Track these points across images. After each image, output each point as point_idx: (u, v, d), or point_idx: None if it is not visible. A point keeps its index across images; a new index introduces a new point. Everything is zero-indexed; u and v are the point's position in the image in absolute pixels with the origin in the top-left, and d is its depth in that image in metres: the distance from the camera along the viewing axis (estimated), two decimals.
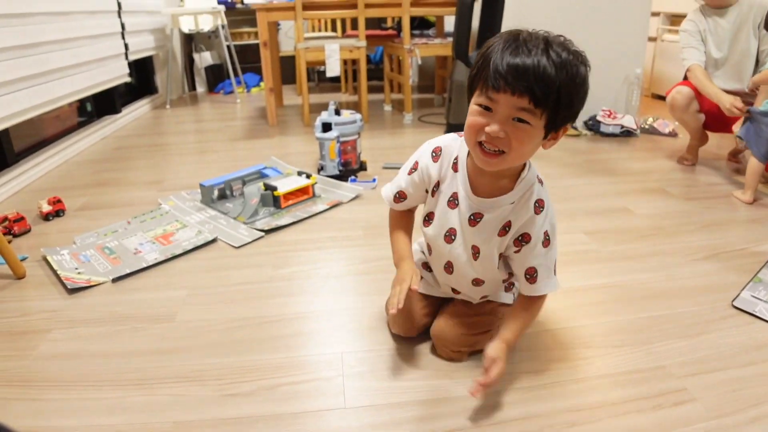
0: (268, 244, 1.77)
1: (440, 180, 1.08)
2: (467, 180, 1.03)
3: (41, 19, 2.54)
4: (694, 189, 2.22)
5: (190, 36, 4.88)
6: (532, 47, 0.84)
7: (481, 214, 1.03)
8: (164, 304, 1.42)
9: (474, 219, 1.04)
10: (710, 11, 2.40)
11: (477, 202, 1.03)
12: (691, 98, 2.42)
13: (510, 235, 1.03)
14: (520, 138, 0.87)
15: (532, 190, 1.00)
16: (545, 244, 1.02)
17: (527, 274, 1.04)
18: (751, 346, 1.21)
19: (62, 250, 1.73)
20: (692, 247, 1.69)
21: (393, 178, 1.17)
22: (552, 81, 0.83)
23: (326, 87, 5.13)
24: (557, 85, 0.83)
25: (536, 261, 1.03)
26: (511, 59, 0.83)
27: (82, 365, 1.19)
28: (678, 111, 2.47)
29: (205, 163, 2.69)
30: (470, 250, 1.07)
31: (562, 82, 0.84)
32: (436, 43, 3.46)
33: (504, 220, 1.02)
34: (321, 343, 1.25)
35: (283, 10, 3.28)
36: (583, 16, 3.08)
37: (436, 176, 1.08)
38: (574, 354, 1.19)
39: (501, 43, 0.86)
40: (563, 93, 0.85)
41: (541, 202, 1.01)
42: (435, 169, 1.08)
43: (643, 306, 1.38)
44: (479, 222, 1.03)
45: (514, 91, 0.83)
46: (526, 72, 0.82)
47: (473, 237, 1.05)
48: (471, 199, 1.03)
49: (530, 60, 0.83)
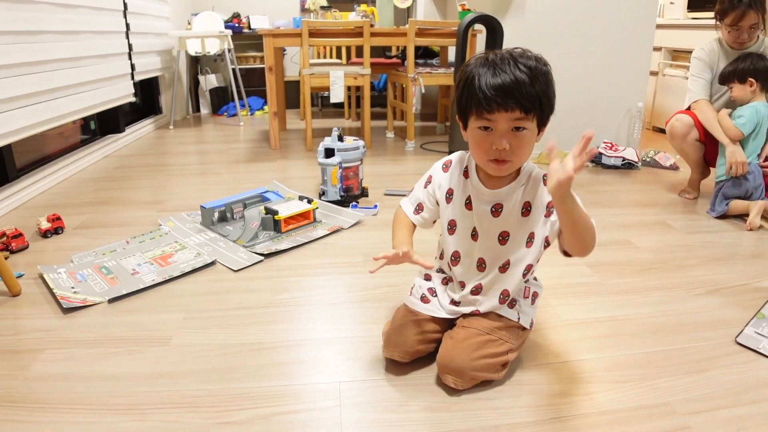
0: (267, 269, 1.75)
1: (453, 188, 1.20)
2: (479, 182, 1.16)
3: (50, 38, 2.57)
4: (696, 223, 2.21)
5: (196, 58, 4.93)
6: (505, 66, 0.99)
7: (500, 204, 1.15)
8: (160, 327, 1.40)
9: (496, 210, 1.15)
10: (727, 46, 2.39)
11: (492, 195, 1.15)
12: (690, 126, 2.42)
13: (536, 212, 1.13)
14: (522, 143, 1.03)
15: (535, 171, 1.14)
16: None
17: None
18: (755, 383, 1.19)
19: (59, 269, 1.71)
20: (694, 282, 1.68)
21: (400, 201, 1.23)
22: (532, 89, 0.98)
23: (329, 112, 5.17)
24: (536, 90, 0.99)
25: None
26: (493, 81, 0.98)
27: (74, 388, 1.17)
28: (677, 139, 2.47)
29: (206, 185, 2.69)
30: (497, 238, 1.17)
31: (539, 87, 1.00)
32: (440, 72, 3.50)
33: (522, 202, 1.14)
34: (318, 372, 1.23)
35: (290, 36, 3.32)
36: (587, 51, 3.12)
37: (447, 184, 1.21)
38: (576, 389, 1.17)
39: (478, 68, 1.02)
40: (543, 95, 1.01)
41: (546, 175, 1.09)
42: (446, 178, 1.22)
43: (645, 341, 1.36)
44: (501, 211, 1.15)
45: (506, 108, 0.99)
46: (510, 89, 0.98)
47: (500, 225, 1.16)
48: (487, 194, 1.15)
49: (509, 77, 0.98)
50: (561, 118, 3.34)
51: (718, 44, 2.41)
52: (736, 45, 2.33)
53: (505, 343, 1.17)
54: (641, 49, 3.17)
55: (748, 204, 2.18)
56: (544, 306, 1.50)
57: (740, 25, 2.24)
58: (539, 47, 3.01)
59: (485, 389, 1.16)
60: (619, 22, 3.09)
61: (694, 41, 3.70)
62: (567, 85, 3.14)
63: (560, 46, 3.10)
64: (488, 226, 1.17)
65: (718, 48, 2.40)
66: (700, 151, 2.48)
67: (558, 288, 1.62)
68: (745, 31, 2.25)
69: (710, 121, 2.32)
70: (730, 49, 2.37)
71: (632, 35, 3.12)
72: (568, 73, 3.14)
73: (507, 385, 1.18)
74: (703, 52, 2.42)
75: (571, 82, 3.15)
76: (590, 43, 3.11)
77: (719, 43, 2.41)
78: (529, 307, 1.25)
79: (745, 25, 2.23)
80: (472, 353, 1.13)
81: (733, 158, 2.21)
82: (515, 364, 1.24)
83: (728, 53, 2.37)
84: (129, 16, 3.55)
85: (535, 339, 1.35)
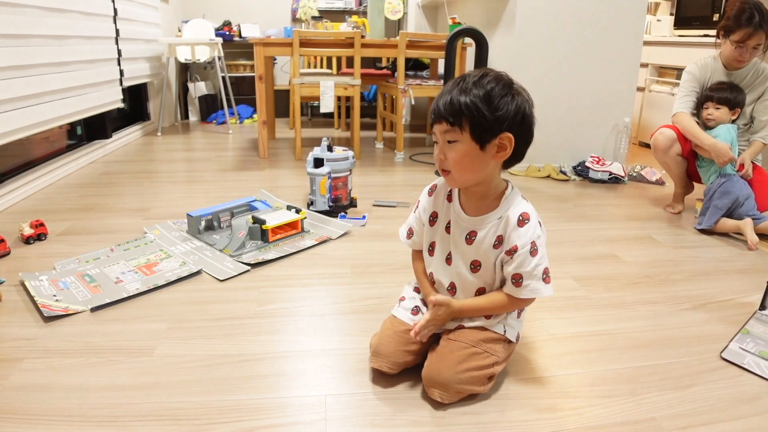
0: (253, 279, 1.74)
1: (437, 211, 1.24)
2: (459, 206, 1.19)
3: (38, 41, 2.55)
4: (681, 237, 2.23)
5: (185, 65, 4.92)
6: (454, 86, 1.07)
7: (475, 232, 1.16)
8: (143, 337, 1.38)
9: (470, 237, 1.17)
10: (722, 64, 2.42)
11: (468, 221, 1.17)
12: (673, 140, 2.46)
13: (503, 247, 1.14)
14: (454, 156, 1.08)
15: (516, 205, 1.14)
16: (533, 253, 1.11)
17: (513, 279, 1.14)
18: (740, 399, 1.20)
19: (41, 276, 1.68)
20: (680, 297, 1.69)
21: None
22: (456, 104, 1.04)
23: (319, 122, 5.17)
24: (460, 105, 1.04)
25: (523, 269, 1.12)
26: (439, 95, 1.09)
27: (54, 399, 1.14)
28: (660, 152, 2.52)
29: (193, 193, 2.67)
30: (469, 266, 1.19)
31: (466, 102, 1.04)
32: (430, 84, 3.51)
33: (495, 235, 1.14)
34: (303, 385, 1.21)
35: (281, 45, 3.33)
36: (576, 66, 3.15)
37: (431, 208, 1.25)
38: (563, 404, 1.17)
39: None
40: (471, 108, 1.03)
41: (525, 215, 1.12)
42: (431, 202, 1.26)
43: (631, 355, 1.36)
44: (474, 239, 1.17)
45: (437, 120, 1.08)
46: (441, 104, 1.07)
47: (472, 253, 1.18)
48: (464, 220, 1.18)
49: (445, 95, 1.07)
50: (549, 132, 3.39)
51: (713, 60, 2.44)
52: (735, 63, 2.36)
53: (491, 355, 1.16)
54: (629, 65, 3.21)
55: (737, 224, 2.19)
56: (531, 319, 1.50)
57: (746, 44, 2.27)
58: (528, 62, 3.08)
59: (471, 403, 1.15)
60: (608, 38, 3.12)
61: (680, 58, 3.78)
62: (555, 100, 3.17)
63: (549, 61, 3.13)
64: (462, 251, 1.19)
65: (712, 64, 2.43)
66: (682, 166, 2.53)
67: (545, 301, 1.61)
68: (749, 50, 2.29)
69: (689, 128, 2.37)
70: (724, 68, 2.41)
71: (620, 51, 3.16)
72: (556, 88, 3.17)
73: (493, 399, 1.17)
74: (696, 68, 2.46)
75: (560, 96, 3.18)
76: (579, 58, 3.14)
77: (714, 60, 2.44)
78: (515, 320, 1.25)
79: (750, 45, 2.26)
80: (457, 366, 1.12)
81: (714, 150, 2.26)
82: (501, 377, 1.23)
83: (722, 71, 2.41)
84: (119, 21, 3.53)
85: (522, 352, 1.35)
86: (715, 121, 2.35)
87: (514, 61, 3.10)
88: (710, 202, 2.30)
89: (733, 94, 2.34)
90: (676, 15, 4.02)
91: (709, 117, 2.37)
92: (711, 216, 2.27)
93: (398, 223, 2.25)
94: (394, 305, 1.34)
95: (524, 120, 1.08)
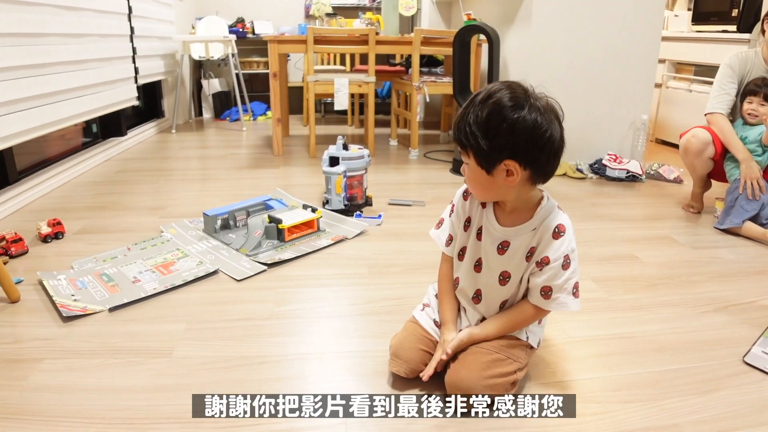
0: (270, 279, 1.74)
1: (471, 216, 1.21)
2: (493, 214, 1.16)
3: (53, 40, 2.56)
4: (701, 237, 2.20)
5: (199, 62, 4.93)
6: (467, 107, 1.04)
7: (507, 242, 1.14)
8: (161, 338, 1.38)
9: (502, 247, 1.15)
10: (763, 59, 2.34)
11: (502, 231, 1.14)
12: (707, 144, 2.35)
13: (533, 259, 1.12)
14: (468, 175, 1.09)
15: (552, 217, 1.11)
16: (565, 267, 1.10)
17: (543, 291, 1.12)
18: (763, 405, 1.18)
19: (59, 275, 1.69)
20: (701, 299, 1.66)
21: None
22: (463, 130, 1.03)
23: (332, 119, 5.16)
24: (465, 131, 1.02)
25: (554, 282, 1.11)
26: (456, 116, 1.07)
27: (73, 400, 1.15)
28: (690, 155, 2.41)
29: (208, 191, 2.67)
30: (498, 277, 1.16)
31: (466, 130, 1.02)
32: (445, 81, 3.49)
33: (528, 246, 1.12)
34: (322, 389, 1.21)
35: (295, 42, 3.32)
36: (592, 63, 3.11)
37: (467, 212, 1.22)
38: (583, 409, 1.15)
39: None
40: (470, 137, 1.01)
41: (561, 227, 1.10)
42: (466, 206, 1.22)
43: (653, 359, 1.34)
44: (507, 250, 1.14)
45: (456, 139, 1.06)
46: (454, 124, 1.07)
47: (503, 264, 1.15)
48: (497, 230, 1.15)
49: (458, 116, 1.05)
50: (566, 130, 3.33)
51: (754, 54, 2.37)
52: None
53: (514, 362, 1.15)
54: (646, 62, 3.16)
55: (764, 231, 2.12)
56: (550, 322, 1.48)
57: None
58: (545, 58, 3.05)
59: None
60: (625, 34, 3.08)
61: (697, 54, 3.73)
62: (572, 97, 3.13)
63: (565, 58, 3.09)
64: (493, 262, 1.17)
65: (753, 58, 2.36)
66: (709, 168, 2.44)
67: None
68: None
69: (727, 135, 2.29)
70: (765, 65, 2.33)
71: (638, 47, 3.11)
72: (573, 85, 3.13)
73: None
74: (735, 60, 2.37)
75: (576, 93, 3.14)
76: (596, 54, 3.10)
77: (756, 54, 2.36)
78: (537, 326, 1.24)
79: None
80: (481, 373, 1.11)
81: (746, 165, 2.21)
82: (522, 382, 1.22)
83: (762, 68, 2.34)
84: (133, 19, 3.54)
85: (543, 356, 1.33)
86: (759, 117, 2.24)
87: (531, 58, 3.07)
88: (735, 201, 2.22)
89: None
90: (694, 10, 3.96)
91: (753, 112, 2.26)
92: (737, 215, 2.20)
93: (414, 222, 2.26)
94: (414, 306, 1.33)
95: (533, 143, 0.99)
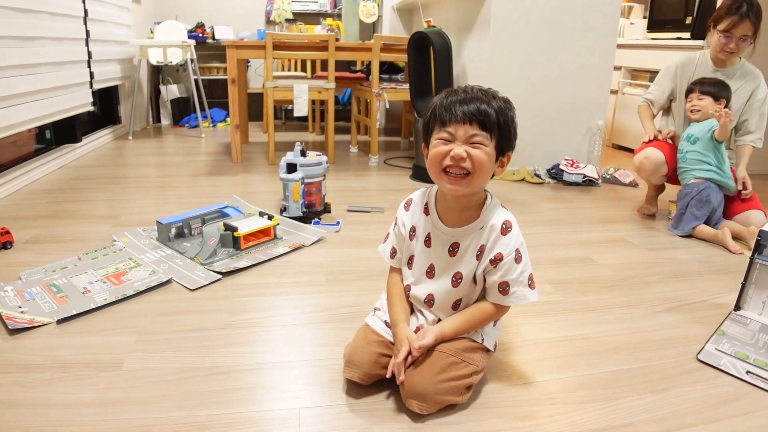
0: (225, 288, 1.70)
1: (415, 225, 1.22)
2: (438, 218, 1.18)
3: (4, 43, 2.47)
4: (655, 239, 2.25)
5: (158, 68, 4.83)
6: (471, 93, 1.08)
7: (457, 243, 1.16)
8: (111, 350, 1.33)
9: (453, 249, 1.17)
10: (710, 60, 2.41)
11: (450, 232, 1.16)
12: (659, 165, 2.42)
13: (485, 257, 1.13)
14: (480, 158, 1.06)
15: (498, 214, 1.14)
16: (518, 260, 1.13)
17: (500, 287, 1.14)
18: (718, 401, 1.20)
19: (6, 286, 1.62)
20: (656, 299, 1.70)
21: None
22: (491, 111, 1.05)
23: (293, 126, 5.12)
24: (495, 114, 1.06)
25: (509, 277, 1.13)
26: (456, 99, 1.07)
27: (19, 416, 1.09)
28: (644, 174, 2.50)
29: (164, 199, 2.61)
30: (451, 278, 1.17)
31: (499, 112, 1.06)
32: (405, 87, 3.50)
33: (478, 245, 1.14)
34: (277, 398, 1.18)
35: (254, 48, 3.28)
36: (549, 70, 3.17)
37: (410, 222, 1.23)
38: (541, 411, 1.16)
39: (444, 95, 1.10)
40: (503, 124, 1.07)
41: (508, 223, 1.13)
42: (408, 216, 1.24)
43: (608, 359, 1.36)
44: (457, 251, 1.16)
45: (466, 120, 1.05)
46: (472, 106, 1.05)
47: (455, 266, 1.17)
48: (445, 232, 1.17)
49: (473, 99, 1.06)
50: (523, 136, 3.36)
51: (702, 56, 2.44)
52: (722, 54, 2.33)
53: (470, 365, 1.14)
54: (603, 69, 3.24)
55: (716, 233, 2.18)
56: (508, 325, 1.49)
57: (732, 33, 2.24)
58: (502, 65, 3.09)
59: (449, 414, 1.13)
60: (582, 41, 3.15)
61: (653, 61, 3.83)
62: (529, 103, 3.18)
63: (523, 64, 3.14)
64: (444, 265, 1.18)
65: (701, 58, 2.44)
66: (663, 181, 2.54)
67: (521, 306, 1.60)
68: (735, 40, 2.26)
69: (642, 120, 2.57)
70: (712, 66, 2.40)
71: (594, 55, 3.19)
72: (530, 91, 3.18)
73: (471, 409, 1.15)
74: (679, 60, 2.49)
75: (534, 99, 3.19)
76: (553, 61, 3.16)
77: (702, 54, 2.44)
78: (493, 328, 1.24)
79: (737, 34, 2.24)
80: (435, 377, 1.10)
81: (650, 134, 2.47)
82: (479, 385, 1.22)
83: (709, 67, 2.41)
84: (89, 23, 3.44)
85: (500, 359, 1.33)
86: (701, 111, 2.29)
87: (489, 64, 3.11)
88: (686, 208, 2.27)
89: (717, 87, 2.29)
90: (650, 18, 4.08)
91: (694, 108, 2.32)
92: (687, 223, 2.26)
93: (372, 229, 2.25)
94: (368, 313, 1.32)
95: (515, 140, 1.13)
